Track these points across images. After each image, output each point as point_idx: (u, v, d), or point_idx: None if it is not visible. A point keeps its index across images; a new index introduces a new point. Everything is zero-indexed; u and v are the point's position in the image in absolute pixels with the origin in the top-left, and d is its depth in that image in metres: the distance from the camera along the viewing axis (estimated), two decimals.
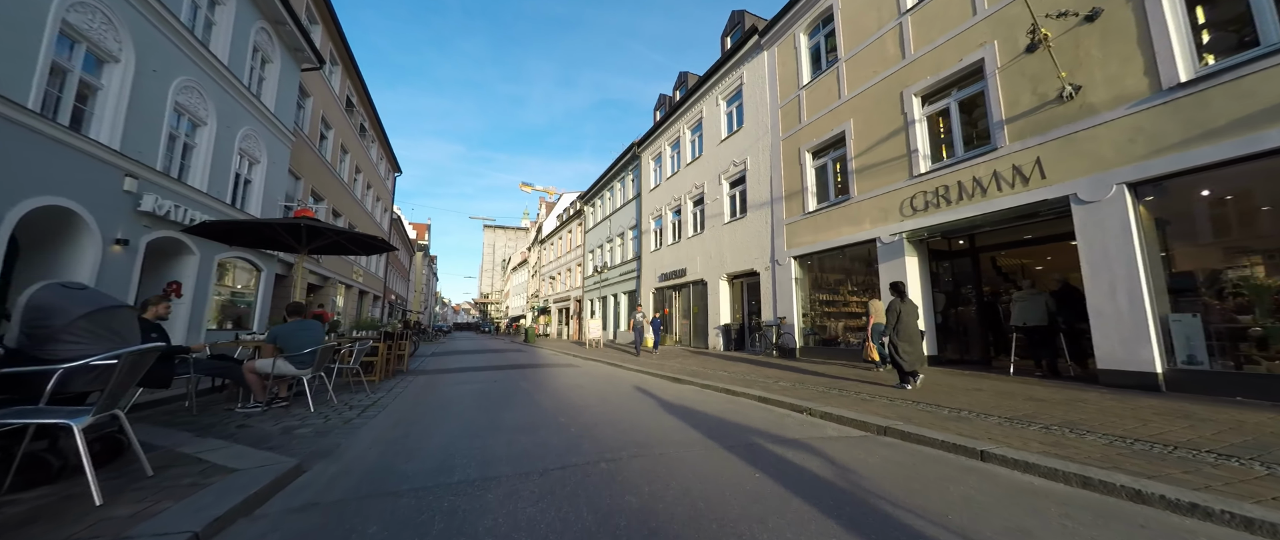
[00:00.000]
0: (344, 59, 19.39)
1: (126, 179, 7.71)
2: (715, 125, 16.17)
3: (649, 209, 21.06)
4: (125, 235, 7.72)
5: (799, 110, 12.04)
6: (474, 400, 5.90)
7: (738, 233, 14.41)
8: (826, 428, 4.36)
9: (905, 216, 8.87)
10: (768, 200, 13.08)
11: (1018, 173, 7.12)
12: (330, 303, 19.87)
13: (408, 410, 5.16)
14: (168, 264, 9.49)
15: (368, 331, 9.46)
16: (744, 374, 8.23)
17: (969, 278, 9.03)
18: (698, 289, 16.73)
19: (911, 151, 8.86)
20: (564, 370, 10.07)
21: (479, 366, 11.25)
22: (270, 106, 12.13)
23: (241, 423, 4.44)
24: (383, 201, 29.15)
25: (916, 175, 8.72)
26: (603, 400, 5.89)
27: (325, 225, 6.35)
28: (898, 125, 9.20)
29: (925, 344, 8.60)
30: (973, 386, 6.21)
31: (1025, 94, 7.15)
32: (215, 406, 5.17)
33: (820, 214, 11.09)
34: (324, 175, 17.31)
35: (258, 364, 4.91)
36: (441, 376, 8.99)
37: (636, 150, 22.67)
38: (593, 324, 20.04)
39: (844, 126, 10.47)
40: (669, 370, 9.22)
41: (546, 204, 48.23)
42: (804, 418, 4.88)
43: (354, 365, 6.19)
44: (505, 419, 4.63)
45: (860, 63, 10.27)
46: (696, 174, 17.14)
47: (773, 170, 12.90)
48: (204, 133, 9.78)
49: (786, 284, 12.01)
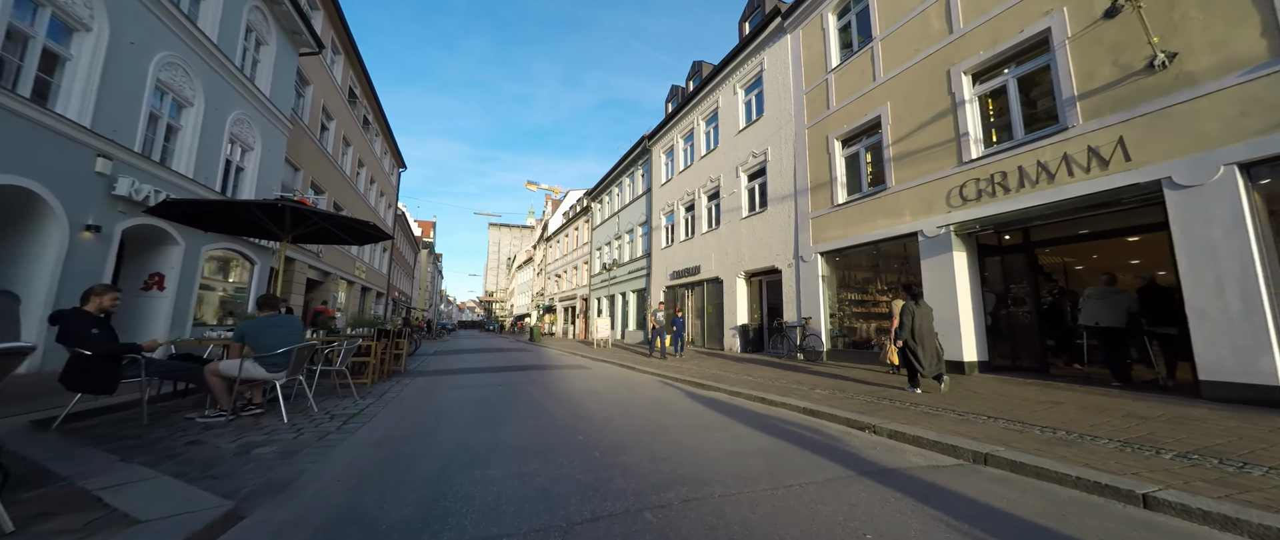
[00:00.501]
0: (346, 48, 18.76)
1: (99, 160, 7.03)
2: (732, 115, 15.34)
3: (660, 204, 20.26)
4: (97, 221, 7.04)
5: (827, 95, 11.20)
6: (475, 410, 5.13)
7: (757, 228, 13.57)
8: (907, 453, 3.56)
9: (953, 207, 8.02)
10: (790, 193, 12.25)
11: (1094, 155, 6.25)
12: (331, 299, 19.26)
13: (397, 423, 4.39)
14: (150, 254, 8.83)
15: (363, 329, 8.72)
16: (772, 380, 7.43)
17: (1022, 275, 8.16)
18: (712, 287, 15.92)
19: (960, 135, 8.00)
20: (574, 373, 9.30)
21: (482, 367, 10.51)
22: (265, 91, 11.47)
23: (196, 437, 3.71)
24: (387, 196, 28.56)
25: (966, 161, 7.87)
26: (624, 411, 5.11)
27: (311, 208, 5.62)
28: (943, 107, 8.34)
29: (975, 348, 7.77)
30: (1047, 398, 5.36)
31: (1103, 65, 6.28)
32: (176, 414, 4.44)
33: (851, 206, 10.24)
34: (325, 166, 16.67)
35: (221, 366, 4.18)
36: (441, 379, 8.25)
37: (647, 144, 21.87)
38: (600, 323, 19.28)
39: (879, 111, 9.62)
40: (689, 374, 8.44)
41: (552, 201, 47.53)
42: (869, 437, 4.07)
43: (341, 367, 5.45)
44: (512, 437, 3.85)
45: (898, 41, 9.41)
46: (711, 167, 16.31)
47: (796, 161, 12.06)
48: (190, 114, 9.11)
49: (812, 282, 11.18)
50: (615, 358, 12.72)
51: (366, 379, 6.65)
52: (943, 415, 4.60)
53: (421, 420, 4.54)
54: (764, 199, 13.43)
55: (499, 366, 10.71)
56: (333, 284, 19.49)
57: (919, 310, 5.91)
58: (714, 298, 15.70)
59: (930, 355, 5.77)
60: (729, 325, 14.57)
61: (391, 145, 28.01)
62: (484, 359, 13.06)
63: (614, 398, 6.01)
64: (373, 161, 23.90)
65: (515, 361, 12.12)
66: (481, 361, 12.23)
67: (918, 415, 4.62)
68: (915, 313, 5.87)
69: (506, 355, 14.59)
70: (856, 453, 3.52)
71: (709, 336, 16.00)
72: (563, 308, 36.25)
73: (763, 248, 13.22)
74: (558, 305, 37.25)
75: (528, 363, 11.73)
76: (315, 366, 5.23)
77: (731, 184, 15.01)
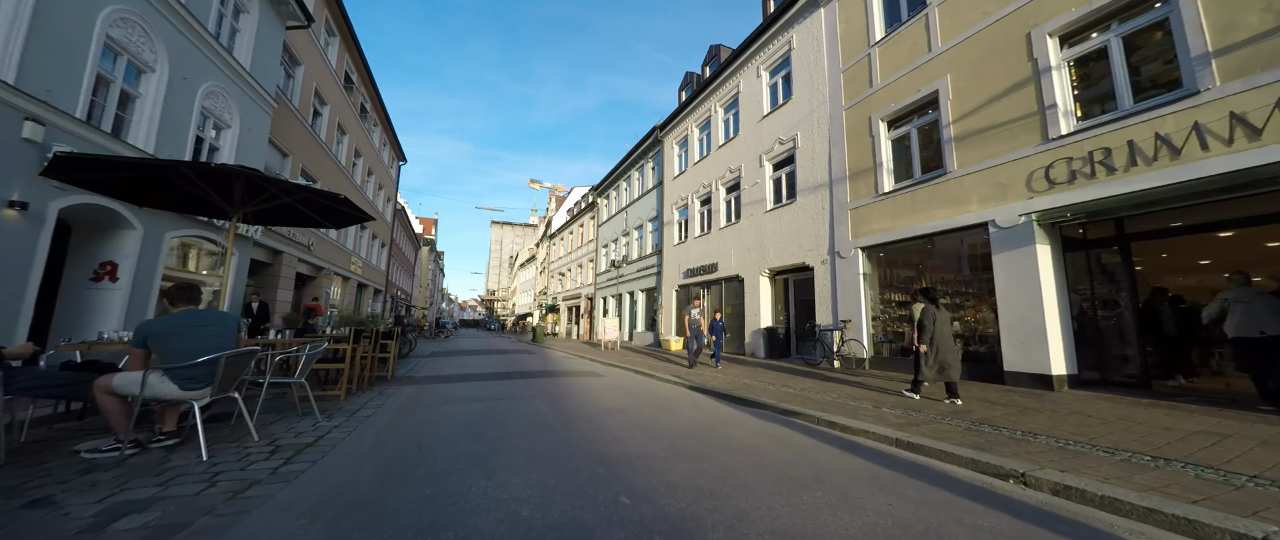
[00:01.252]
0: (342, 30, 17.66)
1: (27, 124, 5.88)
2: (755, 100, 14.14)
3: (672, 198, 19.07)
4: (24, 197, 5.91)
5: (870, 72, 10.00)
6: (469, 439, 3.95)
7: (784, 221, 12.37)
8: (1092, 517, 2.38)
9: (1036, 192, 6.81)
10: (824, 182, 11.05)
11: (1240, 123, 5.04)
12: (324, 295, 18.14)
13: (357, 464, 3.18)
14: (101, 241, 7.70)
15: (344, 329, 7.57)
16: (819, 393, 6.24)
17: (1113, 274, 6.95)
18: (731, 286, 14.72)
19: (1045, 108, 6.79)
20: (587, 382, 8.13)
21: (482, 373, 9.35)
22: (245, 64, 10.34)
23: (62, 481, 2.56)
24: (386, 190, 27.46)
25: (1054, 138, 6.66)
26: (668, 445, 3.90)
27: (270, 177, 4.47)
28: (1022, 76, 7.14)
29: (1063, 359, 6.58)
30: (1204, 429, 4.15)
31: (1250, 13, 5.08)
32: (64, 444, 3.29)
33: (900, 195, 9.04)
34: (316, 153, 15.53)
35: (116, 381, 3.01)
36: (433, 388, 7.08)
37: (659, 134, 20.68)
38: (609, 324, 18.11)
39: (937, 85, 8.42)
40: (719, 383, 7.25)
41: (557, 198, 46.37)
42: (1015, 489, 2.88)
43: (298, 379, 4.27)
44: (520, 494, 2.64)
45: (959, 5, 8.21)
46: (731, 157, 15.12)
47: (831, 146, 10.86)
48: (151, 81, 7.97)
49: (851, 281, 9.97)
50: (627, 362, 11.54)
51: (340, 390, 5.47)
52: (1088, 454, 3.41)
53: (393, 458, 3.36)
54: (793, 189, 12.23)
55: (500, 372, 9.54)
56: (326, 279, 18.37)
57: (940, 314, 5.79)
58: (733, 298, 14.50)
59: (949, 361, 5.58)
60: (751, 327, 13.37)
61: (391, 136, 26.91)
62: (484, 362, 11.90)
63: (645, 420, 4.82)
64: (371, 152, 22.80)
65: (518, 365, 10.95)
66: (481, 365, 11.07)
67: (1054, 452, 3.43)
68: (935, 317, 5.74)
69: (509, 358, 13.42)
70: (1046, 532, 2.33)
71: (727, 339, 14.79)
72: (566, 307, 35.09)
73: (790, 243, 12.02)
74: (561, 304, 36.09)
75: (532, 368, 10.56)
76: (262, 379, 4.06)
77: (754, 174, 13.81)
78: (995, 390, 6.57)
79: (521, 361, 12.11)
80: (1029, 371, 6.68)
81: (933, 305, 5.87)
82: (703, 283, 16.30)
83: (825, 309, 10.71)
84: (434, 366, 10.60)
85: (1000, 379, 7.09)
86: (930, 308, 5.83)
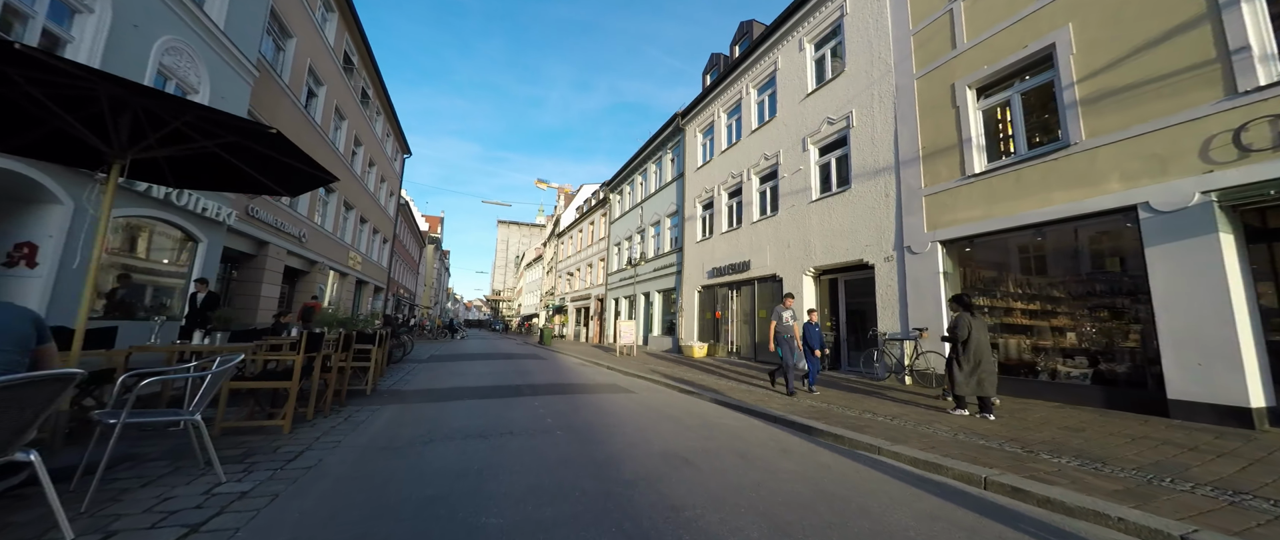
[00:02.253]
0: (341, 6, 16.27)
1: None
2: (797, 76, 12.51)
3: (694, 191, 17.46)
4: None
5: (951, 31, 8.35)
6: (458, 531, 2.37)
7: (833, 212, 10.73)
8: None
9: (1218, 163, 5.13)
10: (888, 165, 9.40)
11: None
12: (319, 291, 16.72)
13: None
14: (16, 218, 6.25)
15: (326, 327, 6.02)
16: (918, 424, 4.60)
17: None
18: (766, 287, 13.07)
19: (1231, 53, 5.13)
20: (616, 401, 6.54)
21: (485, 386, 7.79)
22: (218, 22, 8.91)
23: None
24: (390, 183, 26.12)
25: (1245, 91, 4.99)
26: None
27: (175, 98, 2.96)
28: (1191, 13, 5.47)
29: (1261, 385, 4.89)
30: None
31: None
32: None
33: (998, 176, 7.37)
34: (311, 136, 14.09)
35: None
36: (421, 410, 5.52)
37: (680, 122, 19.09)
38: (625, 327, 16.49)
39: (1052, 38, 6.77)
40: (785, 408, 5.60)
41: (565, 195, 44.90)
42: None
43: (192, 415, 2.70)
44: None
45: None
46: (766, 142, 13.49)
47: (898, 123, 9.22)
48: (88, 23, 6.53)
49: (926, 281, 8.31)
50: (650, 370, 9.95)
51: (284, 421, 3.89)
52: None
53: None
54: (846, 175, 10.58)
55: (507, 384, 7.98)
56: (320, 274, 16.95)
57: (976, 323, 5.46)
58: (768, 300, 12.84)
59: (987, 375, 5.24)
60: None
61: (395, 127, 25.55)
62: (488, 369, 10.34)
63: (730, 481, 3.21)
64: (372, 142, 21.42)
65: (527, 375, 9.37)
66: (484, 374, 9.51)
67: None
68: (973, 326, 5.41)
69: (516, 364, 11.85)
70: None
71: (761, 347, 13.14)
72: (575, 308, 33.53)
73: (842, 237, 10.37)
74: (569, 305, 34.54)
75: (545, 379, 8.98)
76: (114, 420, 2.46)
77: (795, 160, 12.17)
78: (1161, 426, 4.90)
79: (531, 369, 10.54)
80: (1211, 402, 4.99)
81: (968, 313, 5.55)
82: (731, 283, 14.66)
83: (889, 314, 9.05)
84: (429, 376, 9.05)
85: (1156, 409, 5.41)
86: (966, 316, 5.52)
